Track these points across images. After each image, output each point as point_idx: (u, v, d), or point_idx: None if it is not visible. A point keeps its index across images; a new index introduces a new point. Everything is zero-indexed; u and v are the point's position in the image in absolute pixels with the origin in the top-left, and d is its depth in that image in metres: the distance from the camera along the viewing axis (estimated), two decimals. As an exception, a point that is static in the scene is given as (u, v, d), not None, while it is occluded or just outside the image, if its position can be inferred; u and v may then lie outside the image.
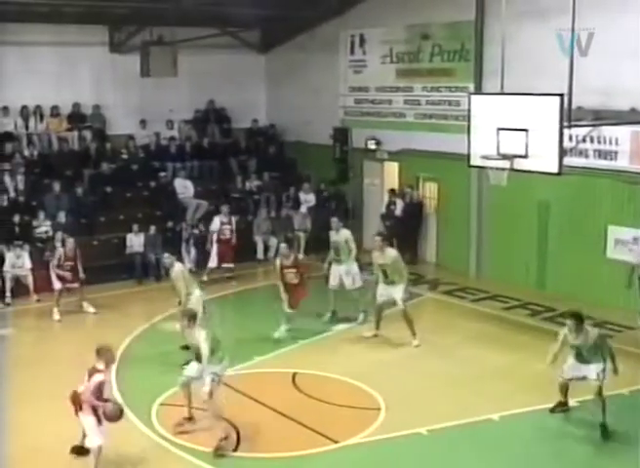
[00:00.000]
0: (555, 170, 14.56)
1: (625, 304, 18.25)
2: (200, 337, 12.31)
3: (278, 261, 17.26)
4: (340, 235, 18.26)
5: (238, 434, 12.48)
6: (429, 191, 23.52)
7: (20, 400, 13.71)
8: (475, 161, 15.76)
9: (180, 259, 22.13)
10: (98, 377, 11.14)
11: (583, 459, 11.91)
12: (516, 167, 14.88)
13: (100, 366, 11.21)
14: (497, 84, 16.27)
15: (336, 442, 12.26)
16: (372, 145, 24.43)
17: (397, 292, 16.56)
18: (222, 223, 21.82)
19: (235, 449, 12.11)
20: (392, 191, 24.00)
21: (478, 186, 21.24)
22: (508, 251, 21.11)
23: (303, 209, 24.80)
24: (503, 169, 15.11)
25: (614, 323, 17.77)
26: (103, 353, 11.32)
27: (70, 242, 19.23)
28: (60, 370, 14.89)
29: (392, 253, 16.83)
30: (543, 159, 14.52)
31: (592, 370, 12.71)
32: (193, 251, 22.43)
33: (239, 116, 27.55)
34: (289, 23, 25.74)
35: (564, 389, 13.29)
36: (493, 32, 19.78)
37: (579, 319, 12.78)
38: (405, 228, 23.43)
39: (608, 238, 18.94)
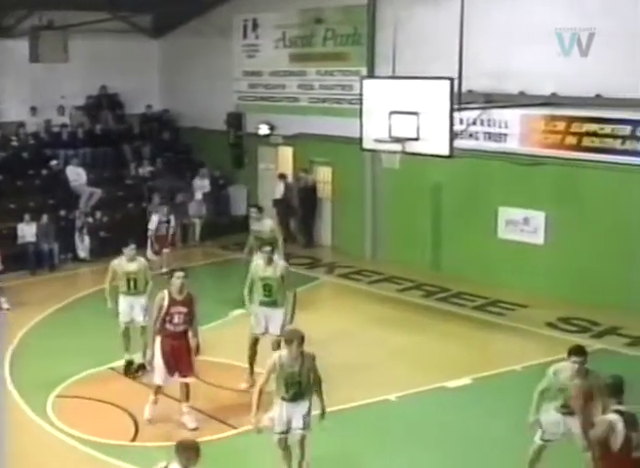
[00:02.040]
0: (446, 152, 14.84)
1: (516, 283, 18.68)
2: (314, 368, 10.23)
3: (166, 295, 12.23)
4: (264, 225, 17.70)
5: (136, 423, 12.40)
6: (323, 175, 23.60)
7: None
8: (368, 144, 15.93)
9: (74, 248, 22.01)
10: None
11: (478, 434, 12.11)
12: (408, 150, 15.11)
13: None
14: (389, 68, 16.45)
15: (234, 427, 12.24)
16: (264, 130, 24.40)
17: (279, 317, 13.55)
18: (160, 222, 21.07)
19: (134, 439, 12.02)
20: (281, 176, 24.06)
21: (372, 170, 21.39)
22: (403, 233, 21.32)
23: (199, 195, 24.64)
24: (395, 152, 15.31)
25: (506, 301, 18.23)
26: (185, 452, 7.97)
27: None
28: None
29: (283, 264, 13.86)
30: (435, 142, 14.78)
31: None
32: (87, 239, 22.09)
33: (132, 102, 27.18)
34: (181, 8, 25.44)
35: (539, 455, 10.27)
36: (385, 17, 19.97)
37: (584, 356, 9.74)
38: (291, 212, 23.50)
39: (499, 219, 19.33)
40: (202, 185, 24.99)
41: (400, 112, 15.20)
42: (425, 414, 12.84)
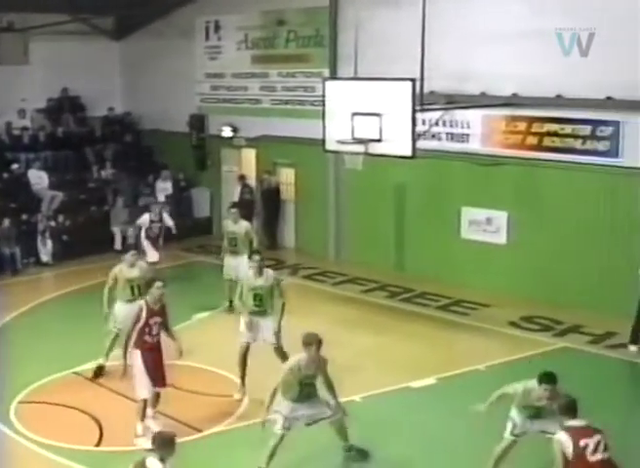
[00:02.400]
0: (409, 153, 14.89)
1: (479, 283, 18.79)
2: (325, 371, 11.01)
3: (144, 306, 12.01)
4: (240, 226, 17.82)
5: (101, 427, 12.33)
6: (287, 177, 23.59)
7: None
8: (331, 146, 15.96)
9: (37, 252, 21.84)
10: None
11: (443, 433, 12.17)
12: (371, 151, 15.15)
13: (154, 463, 8.12)
14: (352, 69, 16.48)
15: (199, 431, 12.24)
16: (226, 132, 24.38)
17: (269, 326, 13.50)
18: (152, 221, 20.03)
19: (98, 444, 11.94)
20: (241, 177, 24.08)
21: (335, 171, 21.42)
22: (367, 234, 21.37)
23: (161, 197, 24.55)
24: (358, 153, 15.34)
25: (469, 301, 18.33)
26: (163, 445, 8.18)
27: None
28: None
29: (272, 273, 13.78)
30: (397, 143, 14.83)
31: (552, 424, 9.79)
32: (49, 243, 21.94)
33: (94, 104, 27.01)
34: (143, 9, 25.32)
35: (506, 453, 10.42)
36: (347, 18, 20.01)
37: (555, 383, 9.82)
38: (250, 213, 23.42)
39: (462, 219, 19.43)
40: (164, 188, 24.91)
41: (362, 113, 15.24)
42: (390, 415, 12.86)
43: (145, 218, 20.04)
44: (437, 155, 18.68)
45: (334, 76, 20.43)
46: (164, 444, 8.18)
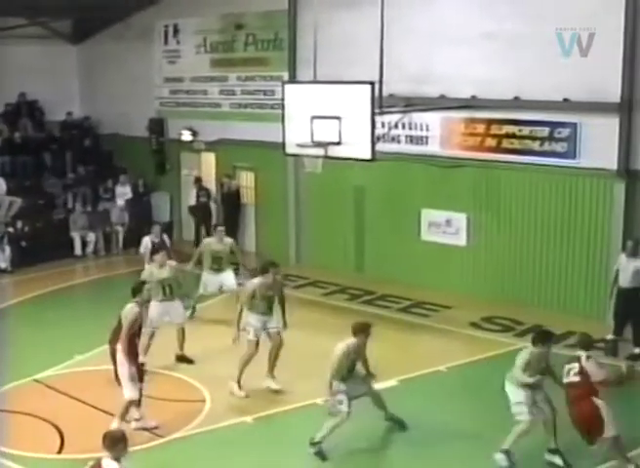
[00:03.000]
0: (368, 156, 14.93)
1: (440, 284, 18.87)
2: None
3: (138, 309, 12.30)
4: (225, 245, 17.49)
5: (62, 435, 12.23)
6: (247, 180, 23.55)
7: None
8: (290, 149, 15.96)
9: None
10: None
11: (404, 435, 12.20)
12: (330, 154, 15.16)
13: (109, 464, 8.09)
14: (311, 73, 16.48)
15: (161, 436, 12.17)
16: (186, 136, 24.29)
17: (274, 321, 14.10)
18: (154, 243, 18.79)
19: (60, 451, 11.85)
20: (196, 180, 24.06)
21: (295, 174, 21.42)
22: (327, 237, 21.40)
23: (120, 202, 24.42)
24: (318, 156, 15.35)
25: (430, 302, 18.38)
26: (115, 444, 8.15)
27: None
28: None
29: (280, 280, 14.33)
30: (357, 146, 14.85)
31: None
32: (8, 249, 21.74)
33: (53, 108, 26.79)
34: (102, 13, 25.14)
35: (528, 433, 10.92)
36: (306, 21, 20.00)
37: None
38: (208, 216, 23.56)
39: (422, 221, 19.49)
40: (123, 192, 24.75)
41: (322, 117, 15.26)
42: (351, 417, 12.85)
43: (147, 242, 18.94)
44: (397, 158, 18.74)
45: (293, 79, 20.45)
46: (116, 443, 8.13)
